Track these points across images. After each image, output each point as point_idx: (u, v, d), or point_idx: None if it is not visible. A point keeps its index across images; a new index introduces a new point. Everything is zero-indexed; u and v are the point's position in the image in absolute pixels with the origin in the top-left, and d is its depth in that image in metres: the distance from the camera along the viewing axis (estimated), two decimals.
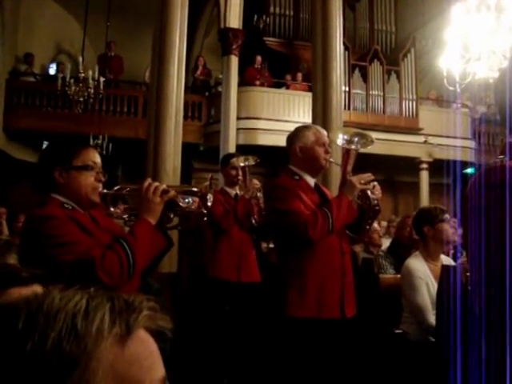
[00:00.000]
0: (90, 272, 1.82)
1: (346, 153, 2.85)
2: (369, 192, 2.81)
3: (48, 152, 2.24)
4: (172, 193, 2.08)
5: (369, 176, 2.82)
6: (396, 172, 12.80)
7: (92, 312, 0.59)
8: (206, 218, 2.44)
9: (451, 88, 6.76)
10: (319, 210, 2.73)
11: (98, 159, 2.12)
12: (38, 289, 1.36)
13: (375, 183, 2.84)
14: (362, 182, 2.78)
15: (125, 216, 2.32)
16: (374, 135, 3.03)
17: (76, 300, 0.60)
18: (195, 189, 2.20)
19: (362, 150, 2.87)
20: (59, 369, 0.55)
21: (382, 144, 9.88)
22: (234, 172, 4.53)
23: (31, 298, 0.61)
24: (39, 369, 0.55)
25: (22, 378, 0.55)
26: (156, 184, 2.07)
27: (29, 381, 0.55)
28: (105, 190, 2.15)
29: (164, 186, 2.08)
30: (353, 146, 2.82)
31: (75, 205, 2.06)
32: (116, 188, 2.24)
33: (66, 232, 1.92)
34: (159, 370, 0.63)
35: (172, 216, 2.18)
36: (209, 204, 2.19)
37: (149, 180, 2.12)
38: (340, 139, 2.85)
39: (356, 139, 2.83)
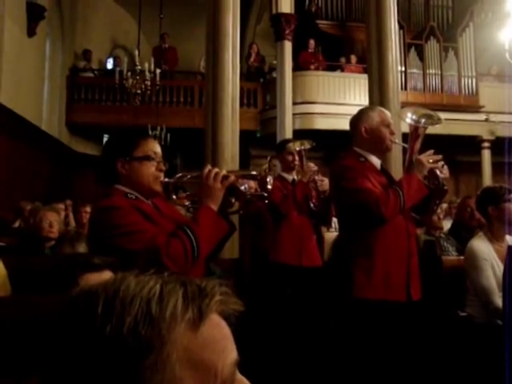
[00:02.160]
0: (156, 259, 1.87)
1: (415, 131, 2.81)
2: (437, 171, 2.77)
3: (109, 145, 2.28)
4: (232, 178, 2.09)
5: (437, 155, 2.78)
6: (456, 152, 12.45)
7: (166, 298, 0.61)
8: (266, 201, 2.45)
9: None
10: (390, 188, 2.72)
11: (158, 149, 2.17)
12: (108, 275, 1.44)
13: (443, 162, 2.79)
14: (431, 161, 2.74)
15: (187, 203, 2.37)
16: None
17: (150, 286, 0.63)
18: (254, 172, 2.20)
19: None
20: (135, 352, 0.58)
21: (441, 117, 9.61)
22: (290, 157, 4.53)
23: (109, 284, 0.64)
24: (117, 351, 0.58)
25: (101, 358, 0.58)
26: (216, 170, 2.09)
27: (107, 361, 0.58)
28: (166, 179, 2.20)
29: (224, 172, 2.09)
30: (421, 125, 2.78)
31: (138, 194, 2.12)
32: (177, 176, 2.28)
33: (131, 221, 1.98)
34: (232, 354, 0.64)
35: (233, 201, 2.19)
36: (269, 187, 2.19)
37: (209, 166, 2.13)
38: (408, 118, 2.81)
39: (424, 119, 2.79)
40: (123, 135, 2.25)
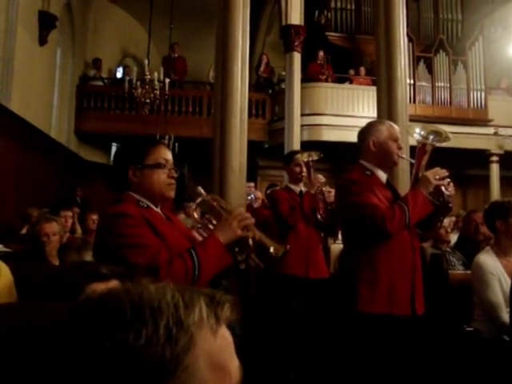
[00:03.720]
0: (155, 276, 1.85)
1: (422, 148, 2.81)
2: (443, 188, 2.76)
3: (121, 152, 2.28)
4: (251, 234, 2.09)
5: (444, 172, 2.77)
6: (464, 165, 12.44)
7: (190, 304, 0.63)
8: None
9: None
10: (396, 203, 2.71)
11: (169, 156, 2.16)
12: (116, 284, 1.44)
13: (449, 180, 2.79)
14: (437, 177, 2.74)
15: (200, 222, 2.34)
16: None
17: (171, 293, 0.64)
18: (272, 250, 2.12)
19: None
20: (173, 357, 0.59)
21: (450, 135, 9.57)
22: (297, 169, 4.53)
23: (129, 289, 0.65)
24: (155, 357, 0.58)
25: (138, 365, 0.58)
26: (245, 216, 2.09)
27: (145, 368, 0.58)
28: (198, 201, 2.23)
29: (251, 222, 2.10)
30: (428, 142, 2.78)
31: (149, 202, 2.12)
32: (209, 197, 2.28)
33: (139, 234, 1.97)
34: (236, 358, 0.67)
35: (236, 250, 2.16)
36: (270, 261, 2.17)
37: (242, 209, 2.17)
38: (416, 134, 2.81)
39: (432, 137, 2.79)
40: (134, 143, 2.25)
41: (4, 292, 2.82)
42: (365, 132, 2.97)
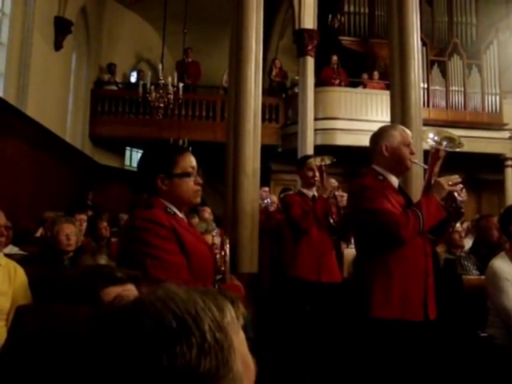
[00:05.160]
0: None
1: (435, 153, 2.80)
2: (456, 194, 2.75)
3: (148, 160, 2.25)
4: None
5: (456, 178, 2.76)
6: (479, 170, 12.34)
7: (221, 307, 0.66)
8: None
9: None
10: (410, 209, 2.71)
11: (194, 163, 2.19)
12: (131, 288, 1.46)
13: (462, 186, 2.78)
14: (450, 183, 2.73)
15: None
16: (454, 132, 2.97)
17: (199, 296, 0.66)
18: None
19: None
20: (224, 361, 0.61)
21: (463, 141, 9.50)
22: (310, 173, 4.54)
23: (159, 295, 0.66)
24: (210, 365, 0.60)
25: (198, 375, 0.59)
26: None
27: (207, 377, 0.60)
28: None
29: None
30: (442, 148, 2.77)
31: (176, 209, 2.15)
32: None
33: (166, 248, 1.99)
34: None
35: None
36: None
37: None
38: (430, 140, 2.80)
39: (445, 142, 2.78)
40: (161, 150, 2.25)
41: (19, 294, 2.86)
42: (377, 137, 2.96)
